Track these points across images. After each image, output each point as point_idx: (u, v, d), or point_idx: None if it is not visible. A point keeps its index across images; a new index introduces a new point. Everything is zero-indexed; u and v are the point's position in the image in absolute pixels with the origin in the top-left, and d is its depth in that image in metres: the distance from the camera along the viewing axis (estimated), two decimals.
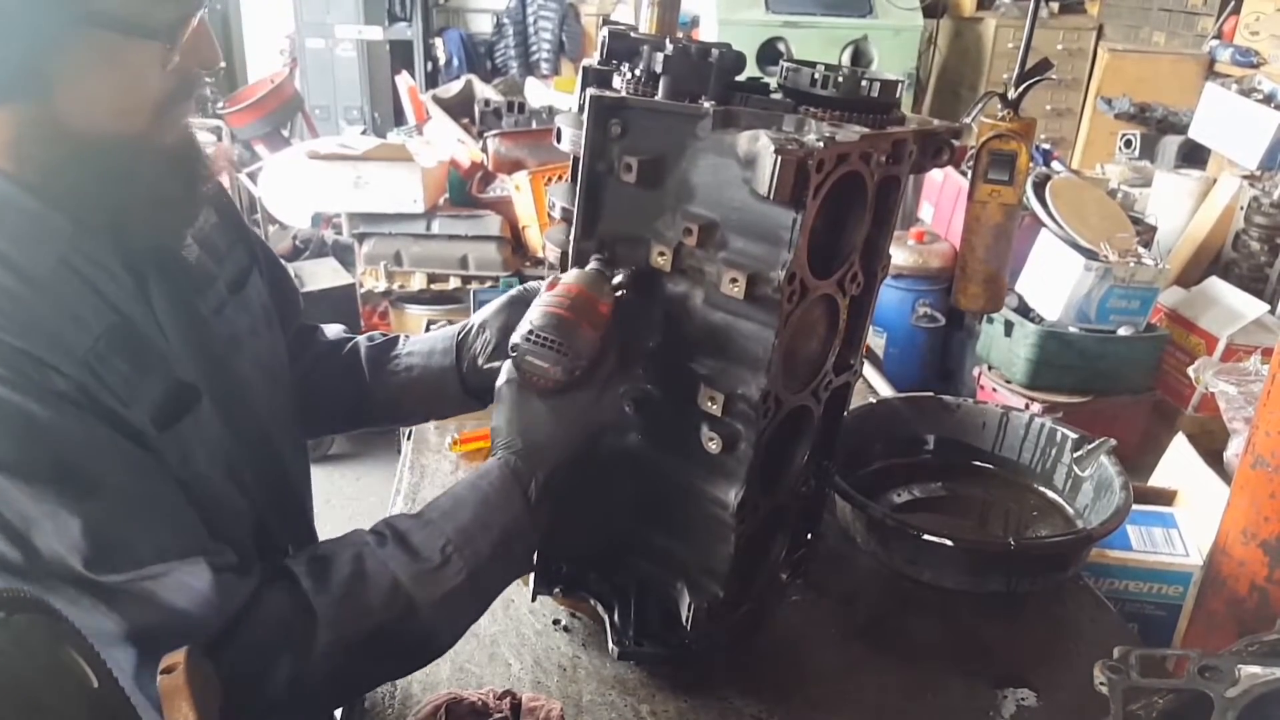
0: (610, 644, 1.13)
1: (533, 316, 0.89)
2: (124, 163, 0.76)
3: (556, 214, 1.08)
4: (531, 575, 1.16)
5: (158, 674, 0.66)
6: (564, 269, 1.05)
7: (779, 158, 0.82)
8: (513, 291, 1.10)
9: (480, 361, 1.09)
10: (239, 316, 0.93)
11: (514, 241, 3.51)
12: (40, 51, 0.70)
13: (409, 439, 1.69)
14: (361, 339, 1.17)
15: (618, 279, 0.94)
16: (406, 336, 1.18)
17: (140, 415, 0.76)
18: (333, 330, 1.18)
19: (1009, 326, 3.05)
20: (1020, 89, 1.42)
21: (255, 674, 0.77)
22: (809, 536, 1.23)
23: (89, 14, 0.70)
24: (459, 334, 1.12)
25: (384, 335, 1.17)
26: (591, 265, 0.96)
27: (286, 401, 1.03)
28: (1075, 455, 1.44)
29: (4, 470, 0.68)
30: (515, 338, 0.90)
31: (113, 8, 0.71)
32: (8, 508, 0.69)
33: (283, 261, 1.17)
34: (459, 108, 3.95)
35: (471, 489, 0.89)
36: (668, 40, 0.96)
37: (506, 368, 0.93)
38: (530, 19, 6.20)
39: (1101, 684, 0.88)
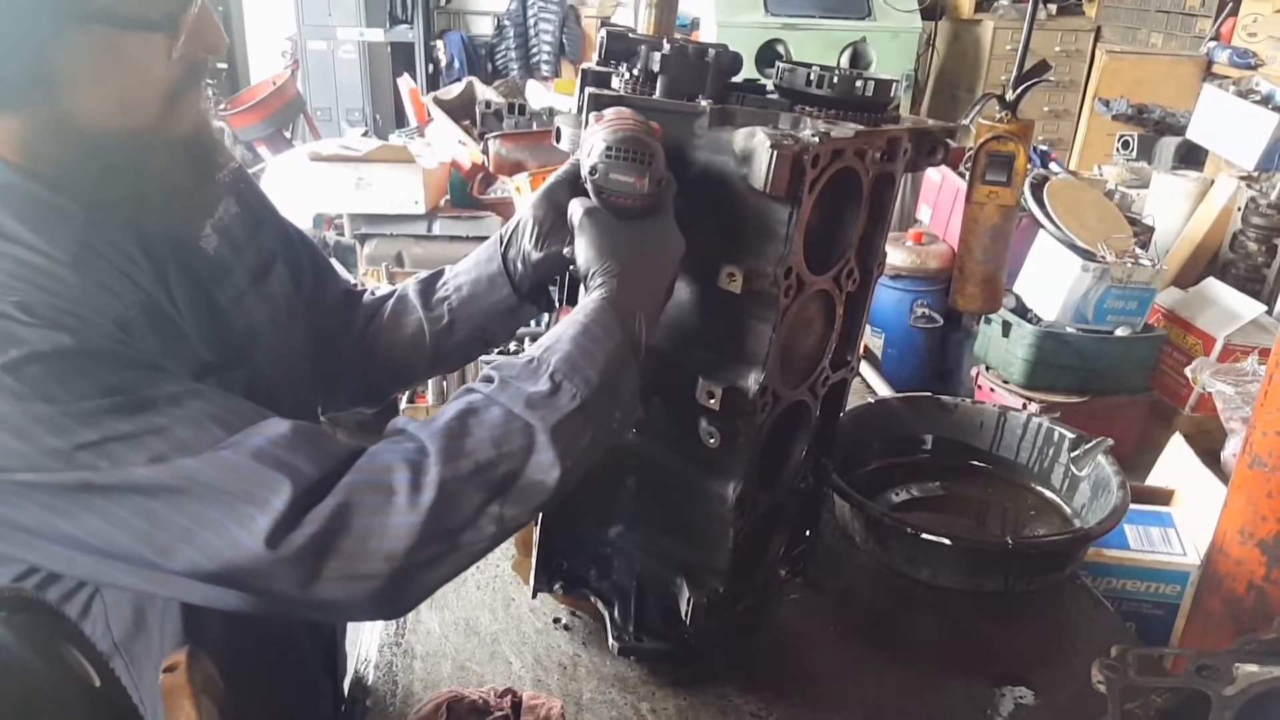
0: (610, 639, 1.14)
1: (603, 136, 0.84)
2: (136, 156, 0.76)
3: None
4: (531, 574, 1.16)
5: (160, 673, 0.67)
6: (563, 269, 1.06)
7: (775, 153, 0.83)
8: (555, 176, 1.00)
9: (533, 254, 1.00)
10: (259, 307, 0.92)
11: None
12: (42, 55, 0.70)
13: None
14: (410, 281, 1.10)
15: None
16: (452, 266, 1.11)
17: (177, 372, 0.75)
18: (381, 288, 1.15)
19: (1007, 327, 3.05)
20: (1018, 91, 1.42)
21: (365, 524, 0.70)
22: (808, 534, 1.24)
23: (86, 12, 0.70)
24: (504, 234, 1.04)
25: (427, 274, 1.11)
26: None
27: (307, 394, 1.02)
28: (1073, 455, 1.44)
29: (54, 402, 0.67)
30: (591, 159, 0.85)
31: (110, 4, 0.71)
32: (65, 439, 0.67)
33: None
34: (460, 109, 3.95)
35: (570, 324, 0.82)
36: (665, 41, 0.96)
37: (579, 202, 0.88)
38: (531, 21, 6.21)
39: (1099, 682, 0.88)
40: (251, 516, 0.68)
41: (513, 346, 2.63)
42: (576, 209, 0.88)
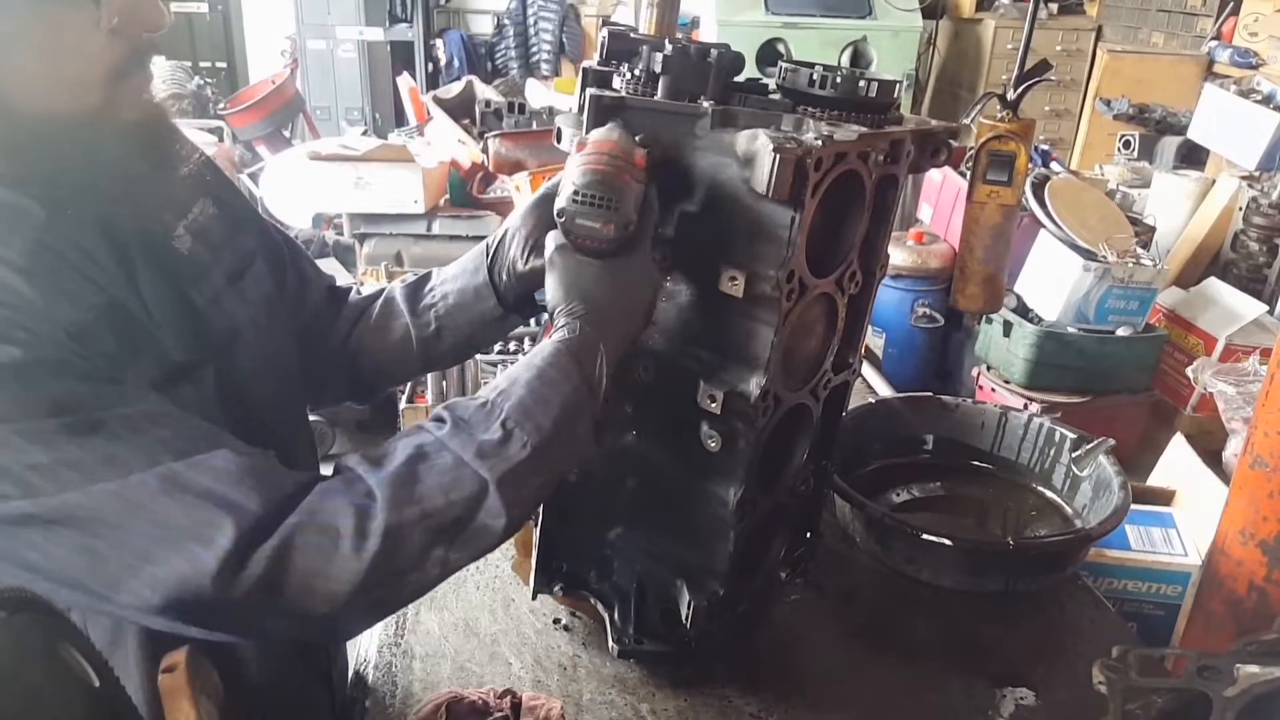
0: (610, 642, 1.14)
1: (573, 177, 0.85)
2: (83, 141, 0.73)
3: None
4: (531, 575, 1.16)
5: (159, 673, 0.66)
6: None
7: (777, 156, 0.83)
8: (544, 188, 1.01)
9: (520, 265, 1.01)
10: (238, 308, 0.91)
11: None
12: None
13: None
14: (396, 283, 1.10)
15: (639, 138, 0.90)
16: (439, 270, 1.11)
17: (136, 382, 0.73)
18: (368, 287, 1.14)
19: (1008, 327, 3.05)
20: (1019, 90, 1.42)
21: (309, 566, 0.70)
22: (808, 535, 1.24)
23: None
24: (490, 245, 1.04)
25: (417, 275, 1.11)
26: (611, 125, 0.91)
27: (293, 394, 1.01)
28: (1074, 455, 1.44)
29: (3, 420, 0.66)
30: (560, 202, 0.85)
31: None
32: (12, 458, 0.66)
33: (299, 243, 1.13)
34: (460, 109, 3.95)
35: (526, 367, 0.83)
36: (667, 41, 0.96)
37: (554, 236, 0.89)
38: (531, 20, 6.21)
39: (1100, 683, 0.88)
40: (197, 555, 0.68)
41: (512, 346, 2.63)
42: (549, 243, 0.89)
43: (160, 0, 0.76)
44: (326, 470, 0.81)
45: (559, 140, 1.02)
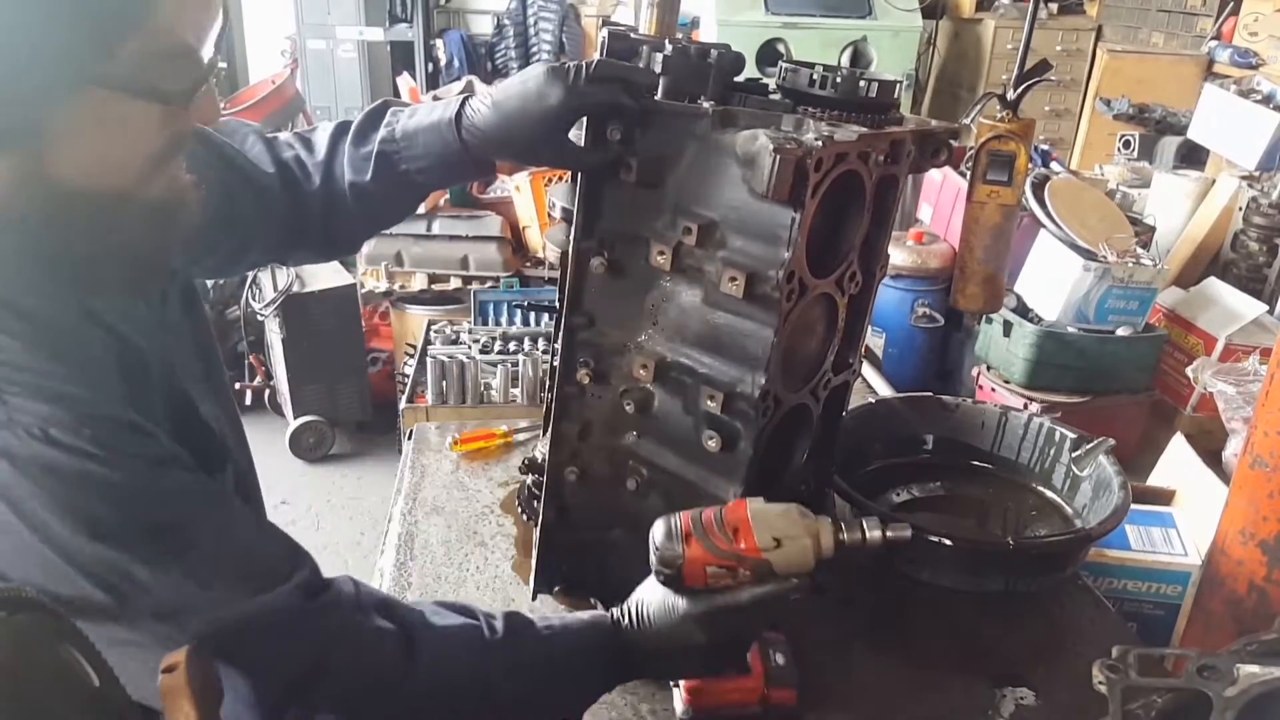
0: None
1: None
2: (106, 216, 0.73)
3: (557, 214, 1.08)
4: (531, 576, 1.16)
5: (159, 673, 0.66)
6: (564, 269, 1.06)
7: (777, 157, 0.83)
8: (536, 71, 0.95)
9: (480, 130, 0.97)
10: (176, 328, 0.90)
11: (514, 242, 3.52)
12: (42, 106, 0.67)
13: (410, 439, 1.70)
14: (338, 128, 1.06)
15: None
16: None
17: (169, 442, 0.74)
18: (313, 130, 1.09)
19: (1008, 326, 3.05)
20: (1019, 90, 1.42)
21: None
22: None
23: (101, 75, 0.67)
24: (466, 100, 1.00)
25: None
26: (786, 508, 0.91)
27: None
28: (1074, 455, 1.44)
29: (104, 539, 0.67)
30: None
31: (127, 73, 0.68)
32: (109, 569, 0.68)
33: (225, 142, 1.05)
34: None
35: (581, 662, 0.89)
36: (667, 41, 0.96)
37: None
38: (531, 20, 6.21)
39: (1100, 683, 0.88)
40: None
41: (512, 346, 2.63)
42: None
43: (217, 96, 0.77)
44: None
45: None
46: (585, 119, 0.94)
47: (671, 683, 1.01)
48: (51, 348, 0.69)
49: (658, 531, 0.87)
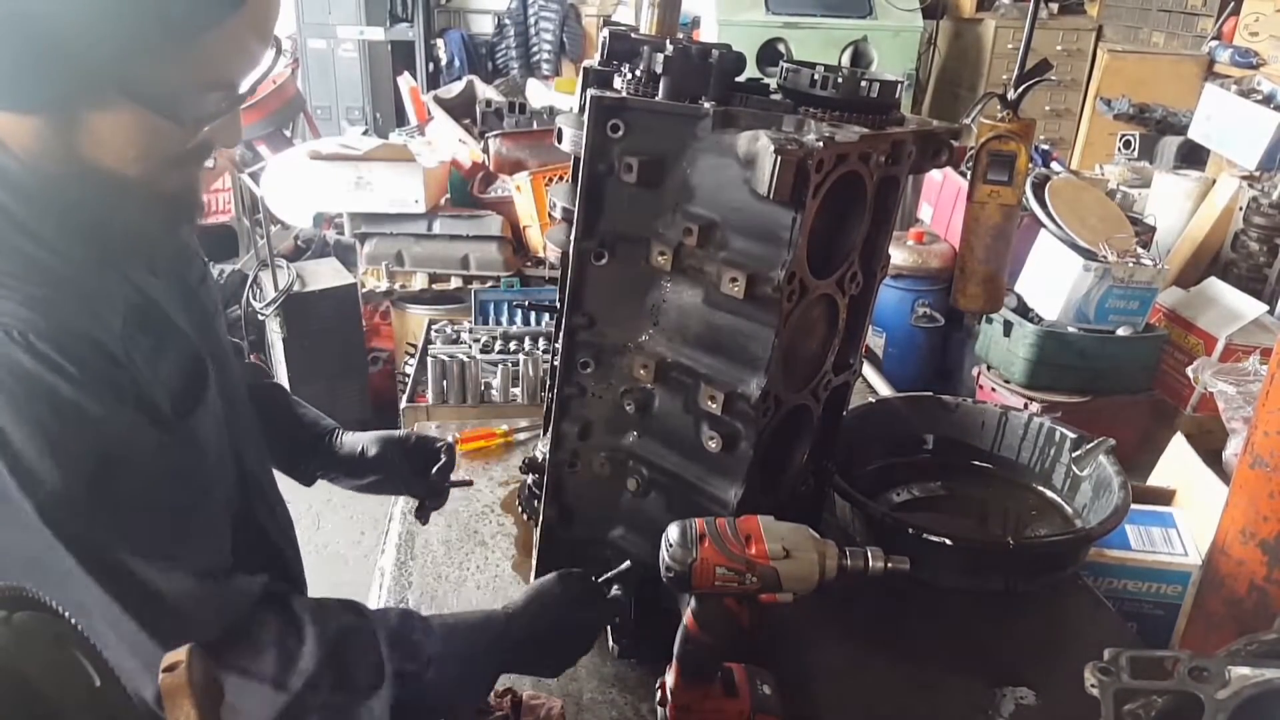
0: (610, 642, 1.14)
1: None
2: (116, 198, 0.77)
3: (557, 214, 1.08)
4: (531, 575, 1.16)
5: (159, 673, 0.66)
6: (564, 269, 1.06)
7: (779, 157, 0.83)
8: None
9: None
10: (212, 291, 0.97)
11: (515, 242, 3.52)
12: (78, 96, 0.71)
13: None
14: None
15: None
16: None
17: (162, 398, 0.77)
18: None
19: (1008, 326, 3.05)
20: (1020, 90, 1.42)
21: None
22: None
23: (136, 91, 0.71)
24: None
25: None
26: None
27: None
28: (1074, 455, 1.44)
29: (49, 454, 0.69)
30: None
31: (152, 89, 0.72)
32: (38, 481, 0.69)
33: None
34: (460, 108, 3.95)
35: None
36: (668, 41, 0.96)
37: None
38: (531, 20, 6.20)
39: (1092, 686, 0.88)
40: None
41: (512, 346, 2.62)
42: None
43: (241, 121, 0.82)
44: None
45: (559, 140, 1.02)
46: (586, 118, 0.95)
47: (657, 704, 1.02)
48: (59, 273, 0.73)
49: (673, 532, 0.89)
